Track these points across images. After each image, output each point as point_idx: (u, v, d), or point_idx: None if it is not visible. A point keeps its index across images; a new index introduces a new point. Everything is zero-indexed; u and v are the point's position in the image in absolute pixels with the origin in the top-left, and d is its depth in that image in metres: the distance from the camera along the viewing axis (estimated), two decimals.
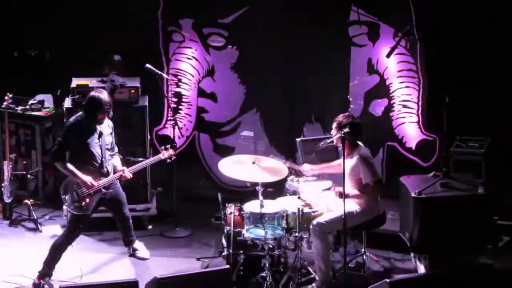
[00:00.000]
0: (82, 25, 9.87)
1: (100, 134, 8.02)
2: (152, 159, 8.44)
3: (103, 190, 8.03)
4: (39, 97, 10.02)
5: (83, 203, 7.93)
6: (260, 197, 7.93)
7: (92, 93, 7.99)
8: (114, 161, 8.22)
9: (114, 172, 8.15)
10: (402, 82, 9.76)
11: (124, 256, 8.64)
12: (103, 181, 8.02)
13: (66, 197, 7.96)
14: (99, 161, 8.01)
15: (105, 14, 9.85)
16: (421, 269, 8.18)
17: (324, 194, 8.26)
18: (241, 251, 8.05)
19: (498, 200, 8.38)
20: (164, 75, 9.54)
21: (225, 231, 8.15)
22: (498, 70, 9.40)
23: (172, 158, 8.47)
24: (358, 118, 8.15)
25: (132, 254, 8.58)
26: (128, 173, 8.18)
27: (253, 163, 8.05)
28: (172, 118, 9.66)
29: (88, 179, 7.91)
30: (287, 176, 8.24)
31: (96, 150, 7.98)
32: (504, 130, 9.39)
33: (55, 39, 9.90)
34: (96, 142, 7.97)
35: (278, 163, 8.20)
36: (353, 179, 7.86)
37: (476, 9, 9.36)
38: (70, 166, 7.89)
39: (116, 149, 8.29)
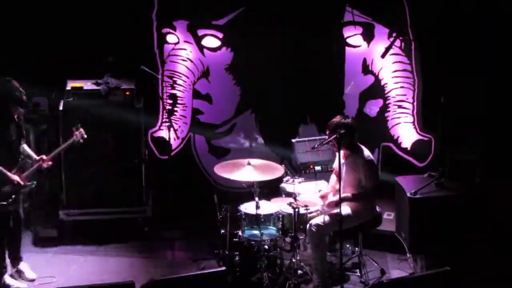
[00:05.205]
0: (77, 26, 9.83)
1: (17, 126, 7.88)
2: (67, 143, 8.23)
3: (26, 183, 7.93)
4: (34, 99, 9.98)
5: (10, 200, 7.76)
6: (256, 198, 7.93)
7: None
8: (27, 150, 8.06)
9: (31, 160, 8.01)
10: (397, 83, 9.77)
11: (120, 258, 8.63)
12: (26, 174, 7.89)
13: None
14: (16, 155, 7.86)
15: (100, 15, 9.81)
16: (418, 269, 8.18)
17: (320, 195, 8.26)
18: (237, 253, 8.05)
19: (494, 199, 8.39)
20: (159, 76, 9.53)
21: (221, 232, 8.14)
22: (495, 68, 9.38)
23: (84, 137, 8.26)
24: (351, 118, 8.07)
25: (16, 275, 8.12)
26: (47, 160, 8.05)
27: (248, 164, 8.04)
28: (167, 120, 9.64)
29: (15, 178, 7.76)
30: (283, 177, 8.24)
31: (13, 145, 7.83)
32: (500, 129, 9.38)
33: (49, 41, 9.85)
34: (9, 135, 7.80)
35: (272, 163, 8.22)
36: (351, 178, 7.84)
37: (471, 8, 9.35)
38: None
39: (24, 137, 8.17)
